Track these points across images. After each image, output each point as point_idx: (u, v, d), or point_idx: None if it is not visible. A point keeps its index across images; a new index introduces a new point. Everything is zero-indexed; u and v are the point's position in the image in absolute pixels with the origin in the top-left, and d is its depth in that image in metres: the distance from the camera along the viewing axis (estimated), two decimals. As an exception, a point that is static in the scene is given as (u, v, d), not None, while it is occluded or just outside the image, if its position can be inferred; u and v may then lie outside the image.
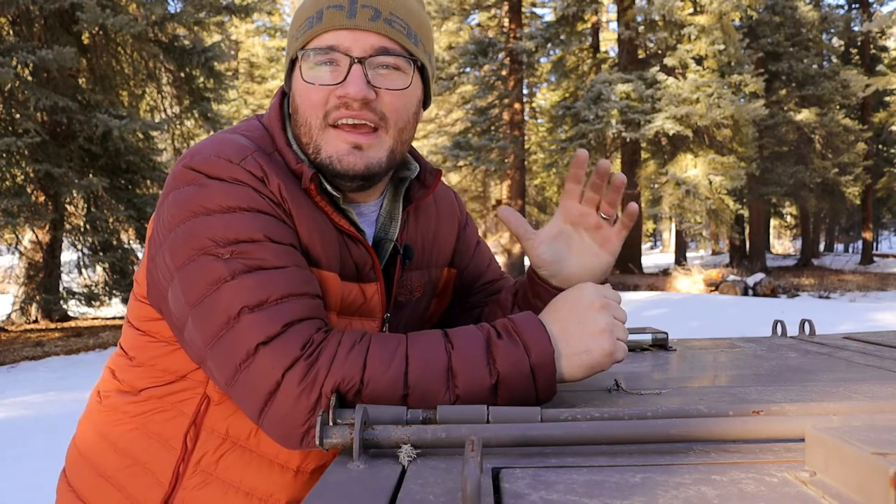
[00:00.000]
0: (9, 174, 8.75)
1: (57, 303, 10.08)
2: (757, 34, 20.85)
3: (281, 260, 0.87)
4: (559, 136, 20.42)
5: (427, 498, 0.56)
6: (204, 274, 0.85)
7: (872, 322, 9.60)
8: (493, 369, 0.83)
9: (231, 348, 0.83)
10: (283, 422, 0.81)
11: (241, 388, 0.83)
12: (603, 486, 0.57)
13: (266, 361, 0.81)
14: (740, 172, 16.36)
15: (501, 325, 0.88)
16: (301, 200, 0.94)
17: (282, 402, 0.81)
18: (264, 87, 30.33)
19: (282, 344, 0.81)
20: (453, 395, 0.82)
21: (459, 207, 1.28)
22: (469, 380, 0.82)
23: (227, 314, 0.83)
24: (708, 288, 15.93)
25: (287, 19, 34.61)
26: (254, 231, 0.87)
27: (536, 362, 0.84)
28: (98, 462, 1.04)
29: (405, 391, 0.81)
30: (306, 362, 0.80)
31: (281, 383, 0.80)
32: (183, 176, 0.92)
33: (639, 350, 1.43)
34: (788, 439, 0.67)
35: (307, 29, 0.96)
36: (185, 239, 0.88)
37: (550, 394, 0.86)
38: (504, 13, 20.57)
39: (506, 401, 0.83)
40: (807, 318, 1.64)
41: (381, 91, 0.95)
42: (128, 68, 10.83)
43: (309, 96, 0.96)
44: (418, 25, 1.00)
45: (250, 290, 0.83)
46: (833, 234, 36.53)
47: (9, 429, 4.86)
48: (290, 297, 0.85)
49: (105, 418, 1.06)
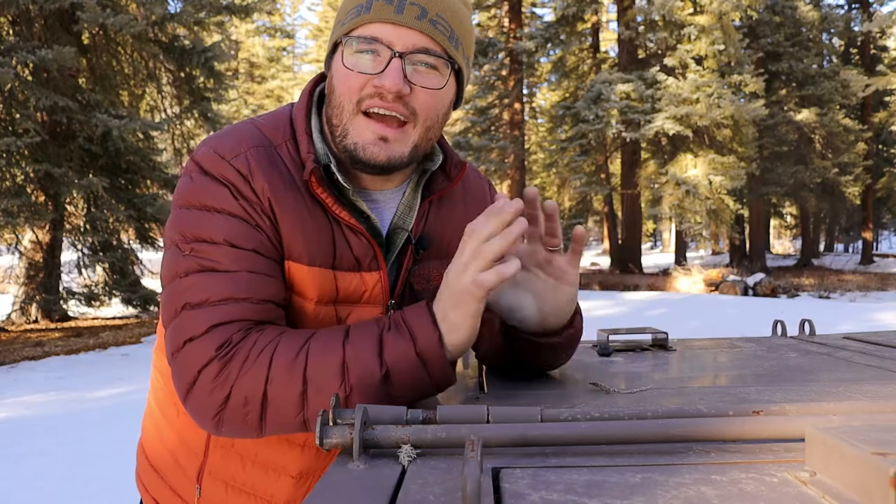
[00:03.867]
0: (9, 174, 8.76)
1: (57, 303, 10.08)
2: (757, 34, 20.87)
3: (234, 265, 0.93)
4: (559, 136, 20.44)
5: (427, 498, 0.56)
6: (170, 264, 0.95)
7: (872, 322, 9.60)
8: (382, 361, 0.87)
9: (171, 338, 0.92)
10: (199, 410, 0.90)
11: (174, 373, 0.92)
12: (603, 486, 0.57)
13: (188, 357, 0.90)
14: (740, 172, 16.38)
15: (394, 316, 0.91)
16: (290, 199, 0.97)
17: (197, 395, 0.89)
18: (264, 87, 30.36)
19: (202, 343, 0.89)
20: (348, 387, 0.86)
21: (492, 197, 1.26)
22: (360, 373, 0.86)
23: (174, 306, 0.93)
24: (708, 288, 15.94)
25: (287, 19, 34.63)
26: (217, 233, 0.94)
27: (422, 349, 0.87)
28: (160, 431, 1.18)
29: (303, 387, 0.86)
30: (220, 362, 0.88)
31: (197, 379, 0.89)
32: (188, 165, 1.01)
33: (639, 350, 1.43)
34: (788, 439, 0.67)
35: (355, 16, 0.99)
36: (169, 226, 0.98)
37: (446, 377, 0.89)
38: (504, 13, 20.59)
39: (400, 390, 0.87)
40: (807, 318, 1.64)
41: (416, 88, 0.97)
42: (128, 68, 10.84)
43: (347, 81, 0.98)
44: (462, 30, 1.02)
45: (194, 290, 0.92)
46: (833, 234, 36.54)
47: (9, 429, 4.86)
48: (230, 301, 0.91)
49: (159, 393, 1.17)
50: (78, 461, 4.11)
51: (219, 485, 1.08)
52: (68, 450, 4.33)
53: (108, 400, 5.78)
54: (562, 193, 25.31)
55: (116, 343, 8.74)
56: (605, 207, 21.53)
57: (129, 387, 6.18)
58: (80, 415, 5.23)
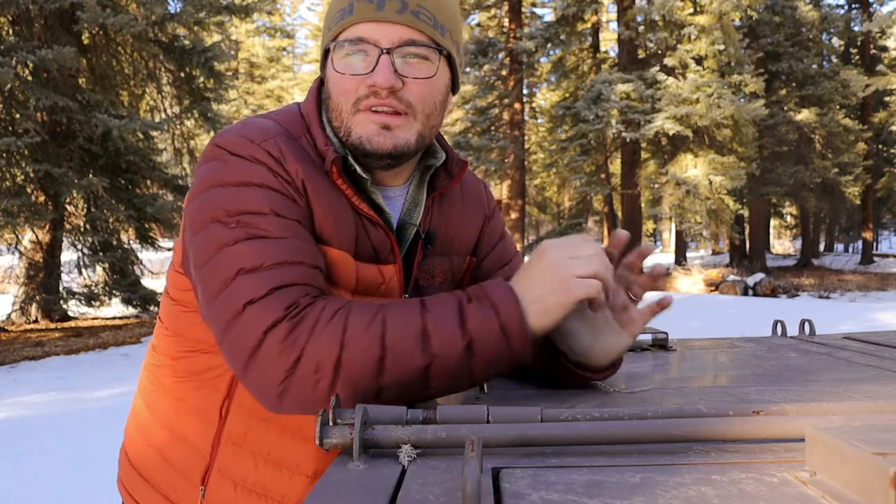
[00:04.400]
0: (9, 174, 8.76)
1: (57, 303, 10.08)
2: (757, 34, 20.86)
3: (283, 232, 0.92)
4: (559, 136, 20.42)
5: (427, 498, 0.56)
6: (212, 239, 0.92)
7: (872, 322, 9.60)
8: (465, 330, 0.86)
9: (224, 306, 0.88)
10: (262, 378, 0.86)
11: (229, 343, 0.88)
12: (603, 486, 0.57)
13: (251, 320, 0.86)
14: (740, 172, 16.36)
15: (473, 289, 0.91)
16: (320, 183, 0.99)
17: (262, 359, 0.85)
18: (264, 87, 30.35)
19: (266, 304, 0.86)
20: (429, 355, 0.84)
21: (488, 199, 1.29)
22: (443, 341, 0.85)
23: (225, 275, 0.89)
24: (708, 288, 15.94)
25: (287, 19, 34.62)
26: (261, 205, 0.93)
27: (505, 320, 0.87)
28: (148, 434, 1.14)
29: (381, 353, 0.83)
30: (289, 323, 0.84)
31: (263, 342, 0.84)
32: (210, 152, 1.00)
33: (639, 350, 1.43)
34: (788, 439, 0.67)
35: (339, 20, 1.01)
36: (202, 207, 0.95)
37: (525, 351, 0.89)
38: (504, 13, 20.58)
39: (482, 361, 0.86)
40: (807, 318, 1.64)
41: (409, 80, 0.99)
42: (128, 68, 10.83)
43: (341, 84, 1.00)
44: (445, 16, 1.03)
45: (248, 255, 0.89)
46: (833, 234, 36.52)
47: (9, 429, 4.86)
48: (285, 265, 0.89)
49: (151, 396, 1.15)
50: (78, 461, 4.10)
51: (227, 485, 1.06)
52: (68, 450, 4.33)
53: (108, 400, 5.78)
54: (562, 193, 25.30)
55: (116, 343, 8.74)
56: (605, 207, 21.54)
57: (129, 387, 6.18)
58: (80, 415, 5.22)
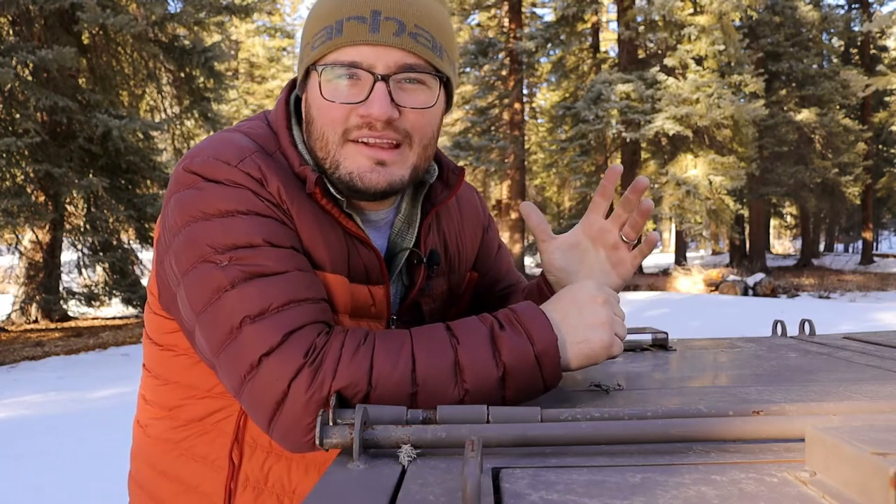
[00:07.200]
0: (9, 174, 8.76)
1: (57, 303, 10.08)
2: (757, 34, 20.86)
3: (281, 265, 0.85)
4: (559, 136, 20.42)
5: (427, 498, 0.56)
6: (205, 282, 0.84)
7: (872, 322, 9.60)
8: (499, 361, 0.82)
9: (236, 359, 0.82)
10: (293, 429, 0.80)
11: (250, 398, 0.82)
12: (603, 486, 0.57)
13: (271, 372, 0.80)
14: (740, 172, 16.37)
15: (503, 315, 0.86)
16: (303, 202, 0.91)
17: (290, 410, 0.79)
18: (264, 87, 30.32)
19: (284, 353, 0.80)
20: (462, 390, 0.81)
21: (483, 208, 1.24)
22: (477, 374, 0.81)
23: (229, 324, 0.82)
24: (708, 288, 15.93)
25: (287, 19, 34.60)
26: (252, 235, 0.85)
27: (541, 350, 0.83)
28: (154, 492, 1.06)
29: (413, 389, 0.79)
30: (310, 369, 0.79)
31: (288, 393, 0.79)
32: (183, 179, 0.90)
33: (639, 350, 1.43)
34: (788, 439, 0.67)
35: (326, 40, 0.91)
36: (187, 245, 0.86)
37: (556, 380, 0.86)
38: (504, 13, 20.57)
39: (514, 391, 0.83)
40: (807, 318, 1.64)
41: (405, 110, 0.91)
42: (128, 68, 10.83)
43: (328, 113, 0.91)
44: (444, 36, 0.95)
45: (251, 300, 0.82)
46: (833, 234, 36.52)
47: (9, 429, 4.86)
48: (291, 304, 0.83)
49: (151, 449, 1.07)
50: (78, 461, 4.10)
51: None
52: (68, 450, 4.33)
53: (108, 400, 5.78)
54: (562, 193, 25.28)
55: (116, 343, 8.74)
56: (605, 207, 21.51)
57: (129, 387, 6.17)
58: (80, 415, 5.22)
